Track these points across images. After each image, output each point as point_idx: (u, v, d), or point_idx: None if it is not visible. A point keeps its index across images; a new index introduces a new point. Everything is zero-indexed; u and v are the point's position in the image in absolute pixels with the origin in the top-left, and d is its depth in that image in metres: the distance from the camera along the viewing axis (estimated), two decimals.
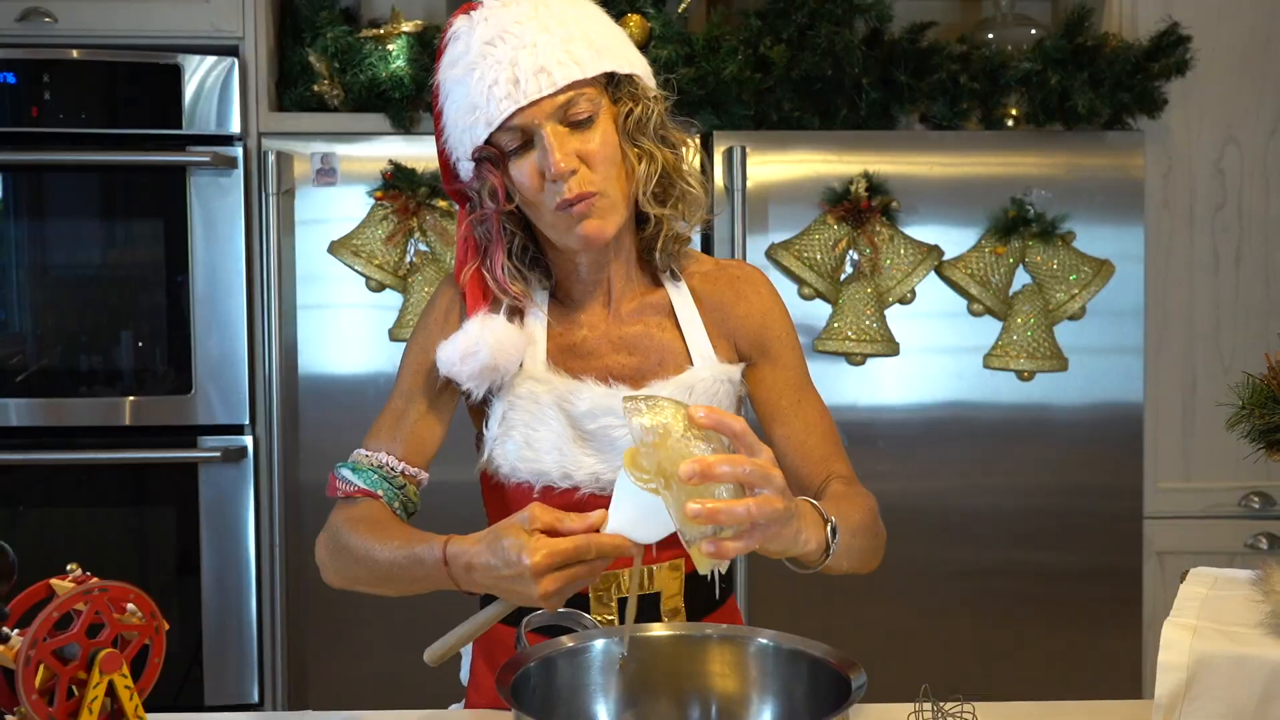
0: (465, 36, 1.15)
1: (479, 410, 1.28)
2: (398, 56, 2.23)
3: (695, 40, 2.21)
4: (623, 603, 1.20)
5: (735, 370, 1.26)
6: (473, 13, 1.16)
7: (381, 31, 2.27)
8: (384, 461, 1.20)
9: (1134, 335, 2.30)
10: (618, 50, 1.16)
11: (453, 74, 1.15)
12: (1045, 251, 2.25)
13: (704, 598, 1.28)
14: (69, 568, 1.05)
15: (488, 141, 1.14)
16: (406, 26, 2.27)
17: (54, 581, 1.04)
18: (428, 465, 1.24)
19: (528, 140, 1.13)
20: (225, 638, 2.32)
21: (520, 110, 1.11)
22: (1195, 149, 2.37)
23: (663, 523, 0.92)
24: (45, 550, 2.31)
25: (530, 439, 1.20)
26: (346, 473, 1.21)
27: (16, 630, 0.99)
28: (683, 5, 2.24)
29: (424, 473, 1.24)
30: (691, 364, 1.24)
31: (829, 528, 1.05)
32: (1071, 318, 2.27)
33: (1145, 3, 2.33)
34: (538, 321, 1.25)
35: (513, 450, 1.21)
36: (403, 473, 1.21)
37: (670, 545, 1.13)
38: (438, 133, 1.21)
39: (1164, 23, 2.25)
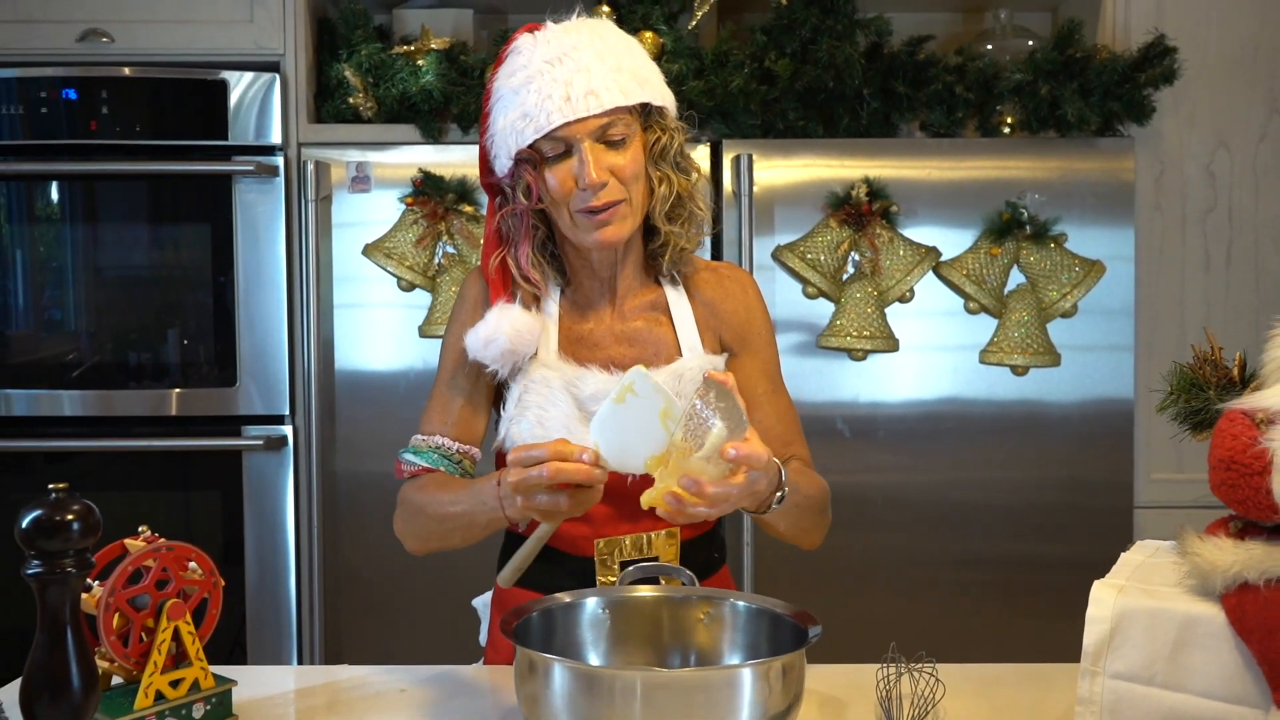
0: (528, 52, 1.29)
1: (498, 394, 1.42)
2: (427, 71, 2.38)
3: (705, 55, 2.34)
4: (624, 565, 1.34)
5: (719, 360, 1.41)
6: (537, 33, 1.31)
7: (412, 48, 2.42)
8: (440, 443, 1.38)
9: (1125, 333, 2.41)
10: (655, 85, 1.32)
11: (510, 82, 1.29)
12: (1039, 252, 2.37)
13: (699, 564, 1.41)
14: (140, 529, 1.21)
15: (531, 146, 1.29)
16: (435, 43, 2.42)
17: (127, 541, 1.20)
18: (479, 442, 1.41)
19: (567, 150, 1.28)
20: (267, 613, 2.48)
21: (567, 124, 1.26)
22: (1187, 153, 2.47)
23: (635, 464, 1.10)
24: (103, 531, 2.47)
25: (542, 419, 1.34)
26: (409, 456, 1.38)
27: (97, 582, 1.15)
28: (693, 22, 2.37)
29: (475, 448, 1.41)
30: (681, 355, 1.39)
31: (778, 494, 1.20)
32: (1064, 315, 2.38)
33: (1137, 14, 2.44)
34: (551, 315, 1.39)
35: (526, 429, 1.35)
36: (457, 450, 1.38)
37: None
38: (483, 130, 1.36)
39: (1152, 34, 2.35)
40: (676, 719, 0.92)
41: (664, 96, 1.33)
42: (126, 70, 2.43)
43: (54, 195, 2.48)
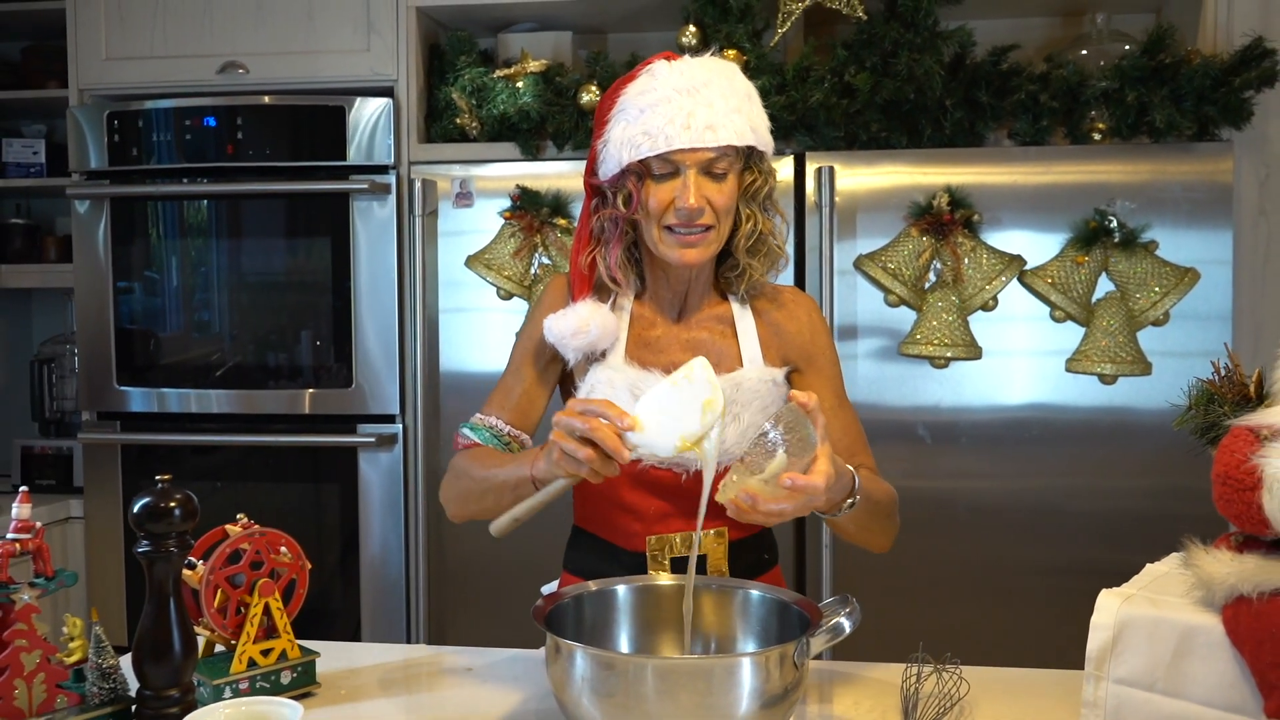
0: (662, 75, 1.42)
1: (569, 393, 1.55)
2: (525, 93, 2.53)
3: (786, 70, 2.41)
4: (674, 561, 1.44)
5: (779, 373, 1.49)
6: (673, 61, 1.44)
7: (511, 71, 2.57)
8: (494, 424, 1.52)
9: (1221, 340, 2.35)
10: (762, 133, 1.44)
11: (638, 100, 1.42)
12: (1128, 260, 2.33)
13: (747, 563, 1.50)
14: (238, 516, 1.38)
15: (642, 161, 1.41)
16: (533, 66, 2.56)
17: (228, 527, 1.37)
18: (532, 430, 1.54)
19: (674, 172, 1.41)
20: (381, 598, 2.68)
21: (682, 150, 1.38)
22: None
23: (669, 444, 1.17)
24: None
25: None
26: (466, 431, 1.53)
27: (202, 561, 1.32)
28: (774, 40, 2.44)
29: (526, 434, 1.54)
30: (742, 365, 1.48)
31: (849, 501, 1.28)
32: (1155, 324, 2.34)
33: (1240, 15, 2.37)
34: (623, 318, 1.51)
35: None
36: (509, 432, 1.52)
37: (716, 516, 1.36)
38: (597, 134, 1.48)
39: (1249, 36, 2.29)
40: (684, 699, 1.02)
41: (767, 144, 1.45)
42: (265, 99, 2.66)
43: (201, 212, 2.74)
